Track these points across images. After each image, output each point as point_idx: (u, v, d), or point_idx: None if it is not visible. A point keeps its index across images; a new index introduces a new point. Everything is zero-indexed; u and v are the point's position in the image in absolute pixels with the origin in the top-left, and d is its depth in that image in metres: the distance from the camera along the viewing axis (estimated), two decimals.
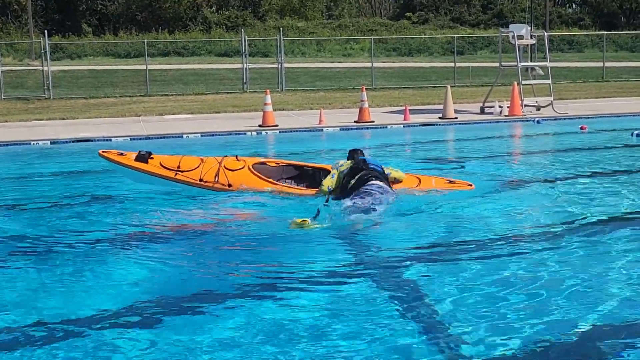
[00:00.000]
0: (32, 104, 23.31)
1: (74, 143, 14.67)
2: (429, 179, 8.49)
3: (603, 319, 4.71)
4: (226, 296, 5.24)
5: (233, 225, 7.30)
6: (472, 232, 6.85)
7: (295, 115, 19.00)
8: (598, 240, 6.55)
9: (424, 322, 4.72)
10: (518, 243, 6.52)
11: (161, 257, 6.30)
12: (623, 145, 13.12)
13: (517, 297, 5.09)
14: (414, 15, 58.14)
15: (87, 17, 57.21)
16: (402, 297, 5.17)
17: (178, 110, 20.33)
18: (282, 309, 4.95)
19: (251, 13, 54.74)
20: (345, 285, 5.44)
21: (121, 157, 8.65)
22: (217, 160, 8.52)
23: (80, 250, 6.62)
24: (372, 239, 6.80)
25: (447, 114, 17.43)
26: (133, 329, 4.71)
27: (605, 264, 5.80)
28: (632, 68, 33.19)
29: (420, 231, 6.90)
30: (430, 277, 5.61)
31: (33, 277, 5.88)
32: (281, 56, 27.00)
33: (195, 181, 8.34)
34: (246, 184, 8.24)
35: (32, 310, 5.08)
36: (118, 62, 38.31)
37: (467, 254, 6.14)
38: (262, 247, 6.53)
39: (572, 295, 5.11)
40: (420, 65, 37.03)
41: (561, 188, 9.01)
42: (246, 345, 4.40)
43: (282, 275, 5.69)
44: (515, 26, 19.06)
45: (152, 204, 8.24)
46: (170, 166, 8.47)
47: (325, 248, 6.41)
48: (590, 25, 54.89)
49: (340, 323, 4.70)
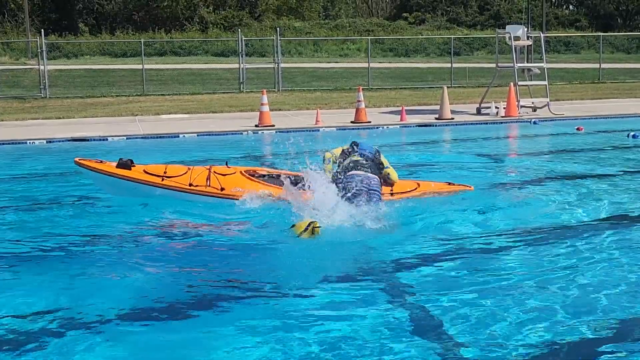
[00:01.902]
0: (29, 103, 23.26)
1: (70, 142, 14.63)
2: (428, 184, 8.34)
3: (604, 320, 4.73)
4: (219, 300, 5.21)
5: (227, 229, 7.15)
6: (472, 234, 6.83)
7: (291, 115, 18.99)
8: (594, 240, 6.56)
9: (422, 325, 4.73)
10: (518, 244, 6.50)
11: (157, 258, 6.28)
12: (619, 147, 13.14)
13: (521, 298, 5.10)
14: (411, 15, 58.21)
15: (84, 16, 57.17)
16: (401, 302, 5.16)
17: (174, 110, 20.31)
18: (278, 314, 4.93)
19: (248, 13, 54.72)
20: (345, 289, 5.40)
21: (101, 165, 8.11)
22: (205, 167, 8.08)
23: (75, 250, 6.62)
24: (372, 242, 6.63)
25: (444, 114, 17.44)
26: (125, 331, 4.71)
27: (604, 263, 5.82)
28: (628, 69, 33.24)
29: (420, 235, 6.83)
30: (432, 280, 5.60)
31: (23, 277, 5.88)
32: (278, 56, 26.99)
33: (185, 186, 7.80)
34: (241, 188, 7.74)
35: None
36: (115, 62, 38.27)
37: (466, 256, 6.14)
38: (255, 252, 6.43)
39: (576, 297, 5.14)
40: (417, 65, 37.02)
41: (557, 189, 9.02)
42: (243, 350, 4.39)
43: (276, 280, 5.66)
44: (511, 27, 19.08)
45: (149, 205, 8.06)
46: (156, 172, 7.95)
47: (323, 252, 6.34)
48: (587, 27, 55.01)
49: (343, 326, 4.70)
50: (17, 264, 6.23)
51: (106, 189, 8.30)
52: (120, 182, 7.96)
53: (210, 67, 34.53)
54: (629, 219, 7.43)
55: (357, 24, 53.86)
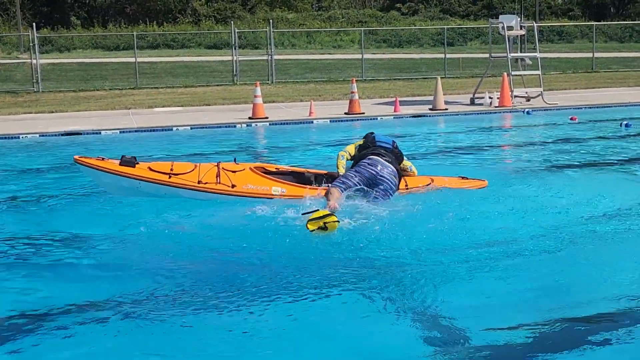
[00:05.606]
0: (21, 97, 23.17)
1: (63, 136, 14.60)
2: (441, 179, 8.12)
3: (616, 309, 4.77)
4: (224, 299, 5.16)
5: (236, 226, 6.77)
6: (472, 229, 6.74)
7: (285, 107, 18.97)
8: (593, 231, 6.55)
9: (430, 322, 4.73)
10: (519, 240, 6.43)
11: (156, 255, 6.20)
12: (612, 136, 13.17)
13: (535, 293, 5.13)
14: (404, 6, 58.06)
15: (76, 9, 56.93)
16: (416, 298, 5.11)
17: (168, 103, 20.27)
18: (279, 313, 4.91)
19: (241, 5, 54.58)
20: (357, 285, 5.35)
21: (103, 163, 7.69)
22: (213, 164, 7.73)
23: (68, 246, 6.61)
24: (386, 237, 6.36)
25: (438, 105, 17.44)
26: (123, 328, 4.72)
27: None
28: (622, 58, 33.28)
29: (435, 230, 6.58)
30: (447, 275, 5.54)
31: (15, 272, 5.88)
32: (271, 48, 26.94)
33: (193, 184, 7.46)
34: (252, 184, 7.45)
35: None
36: (107, 55, 38.15)
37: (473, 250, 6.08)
38: (261, 249, 6.23)
39: (590, 291, 5.17)
40: (411, 56, 36.99)
41: (549, 178, 9.03)
42: (242, 349, 4.40)
43: (281, 279, 5.57)
44: (505, 17, 19.08)
45: (147, 200, 7.78)
46: (162, 170, 7.59)
47: (339, 245, 6.17)
48: (580, 16, 54.99)
49: (350, 325, 4.70)
50: (8, 260, 6.22)
51: (108, 188, 7.93)
52: (124, 181, 7.59)
53: (204, 60, 34.46)
54: (627, 208, 7.40)
55: (350, 15, 53.75)
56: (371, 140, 7.78)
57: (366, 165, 7.39)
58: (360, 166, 7.43)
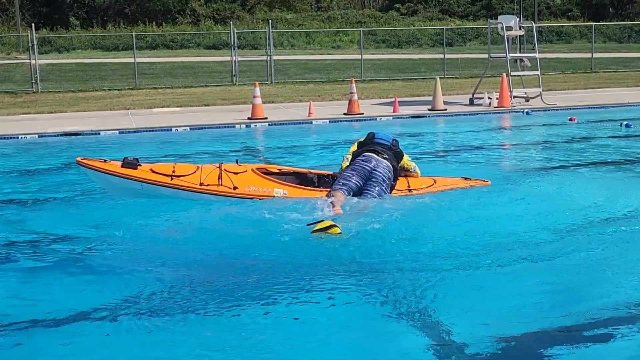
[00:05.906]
0: (20, 97, 23.15)
1: (62, 137, 14.58)
2: (444, 179, 8.10)
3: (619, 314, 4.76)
4: (224, 301, 5.13)
5: (237, 228, 6.72)
6: (473, 228, 6.71)
7: (284, 107, 18.96)
8: (594, 232, 6.55)
9: (431, 324, 4.72)
10: (522, 240, 6.40)
11: (156, 256, 6.18)
12: (612, 136, 13.17)
13: (539, 296, 5.10)
14: (403, 6, 58.05)
15: (75, 10, 56.84)
16: (418, 301, 5.08)
17: (167, 104, 20.26)
18: (279, 314, 4.91)
19: (240, 5, 54.56)
20: (359, 288, 5.32)
21: (105, 165, 7.70)
22: (215, 165, 7.69)
23: (69, 247, 6.60)
24: (389, 240, 6.32)
25: (437, 105, 17.44)
26: (122, 328, 4.71)
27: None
28: (621, 59, 33.28)
29: (438, 232, 6.57)
30: (451, 277, 5.51)
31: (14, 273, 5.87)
32: (270, 48, 26.93)
33: (195, 186, 7.43)
34: (255, 186, 7.40)
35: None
36: (106, 55, 38.13)
37: (474, 252, 6.06)
38: (262, 252, 6.17)
39: (595, 293, 5.14)
40: (410, 57, 36.99)
41: (549, 179, 9.03)
42: (243, 349, 4.39)
43: (281, 280, 5.52)
44: (504, 17, 19.07)
45: (146, 202, 7.75)
46: (164, 172, 7.57)
47: (338, 248, 6.13)
48: (579, 16, 54.99)
49: (352, 327, 4.69)
50: (7, 261, 6.21)
51: (110, 189, 7.93)
52: (126, 183, 7.59)
53: (203, 60, 34.45)
54: (628, 209, 7.37)
55: (349, 15, 53.76)
56: (370, 138, 7.87)
57: (360, 162, 7.49)
58: (355, 164, 7.52)
